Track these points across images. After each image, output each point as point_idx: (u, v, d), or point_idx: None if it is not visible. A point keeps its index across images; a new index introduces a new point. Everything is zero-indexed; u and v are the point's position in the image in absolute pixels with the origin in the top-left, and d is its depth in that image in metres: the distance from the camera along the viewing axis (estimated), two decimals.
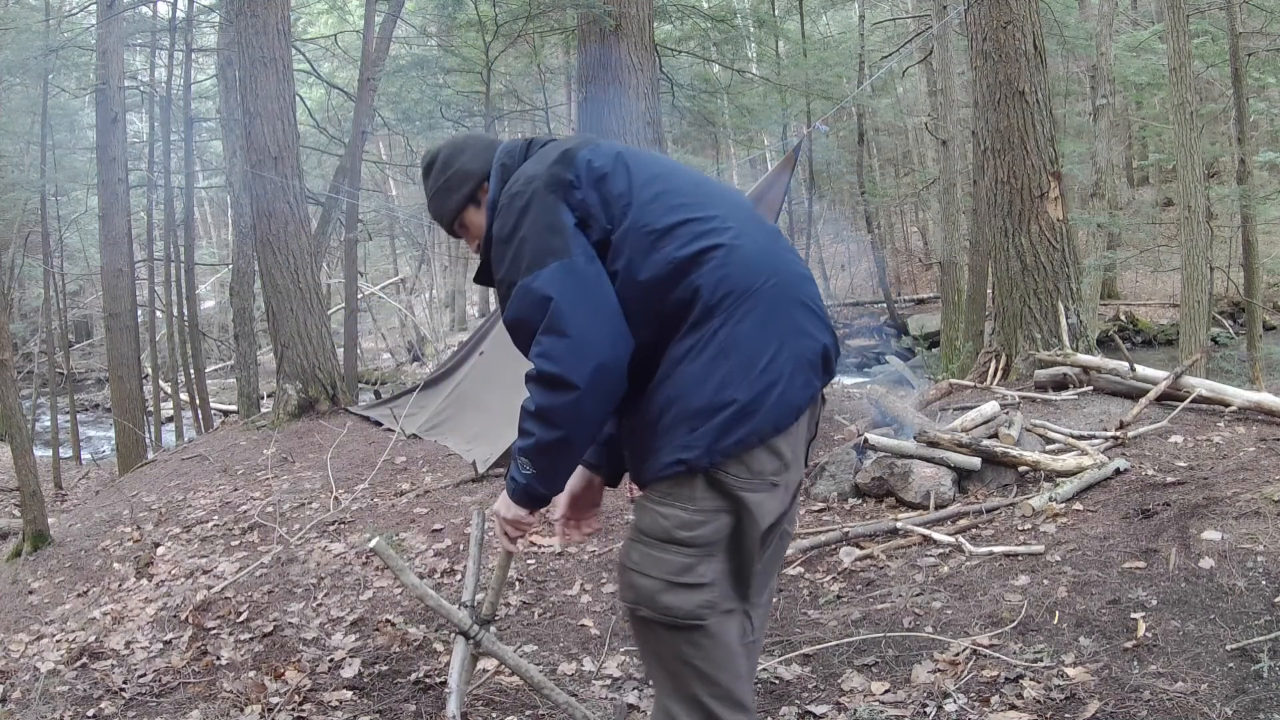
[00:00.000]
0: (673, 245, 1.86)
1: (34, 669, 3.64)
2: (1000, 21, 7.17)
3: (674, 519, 1.86)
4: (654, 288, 1.86)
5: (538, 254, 1.86)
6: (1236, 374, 9.92)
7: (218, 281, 21.31)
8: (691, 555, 1.86)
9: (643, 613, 1.90)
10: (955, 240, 13.32)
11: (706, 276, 1.84)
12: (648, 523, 1.89)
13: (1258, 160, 12.14)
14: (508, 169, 2.05)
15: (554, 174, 1.91)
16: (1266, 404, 5.00)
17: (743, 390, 1.82)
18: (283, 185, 8.11)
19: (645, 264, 1.86)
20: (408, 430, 7.10)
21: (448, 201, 2.13)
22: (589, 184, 1.91)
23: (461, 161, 2.11)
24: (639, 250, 1.87)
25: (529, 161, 2.01)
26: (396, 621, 3.70)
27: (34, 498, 5.68)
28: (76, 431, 13.84)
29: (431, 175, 2.16)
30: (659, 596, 1.86)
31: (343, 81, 15.25)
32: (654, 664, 1.96)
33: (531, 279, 1.84)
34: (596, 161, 1.93)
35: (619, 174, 1.93)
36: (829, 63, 17.82)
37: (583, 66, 9.32)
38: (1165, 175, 20.14)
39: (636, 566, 1.90)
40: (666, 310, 1.86)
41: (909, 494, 4.60)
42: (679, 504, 1.86)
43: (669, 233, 1.87)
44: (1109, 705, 2.46)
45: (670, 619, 1.87)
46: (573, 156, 1.93)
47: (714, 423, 1.82)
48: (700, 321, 1.84)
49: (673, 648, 1.90)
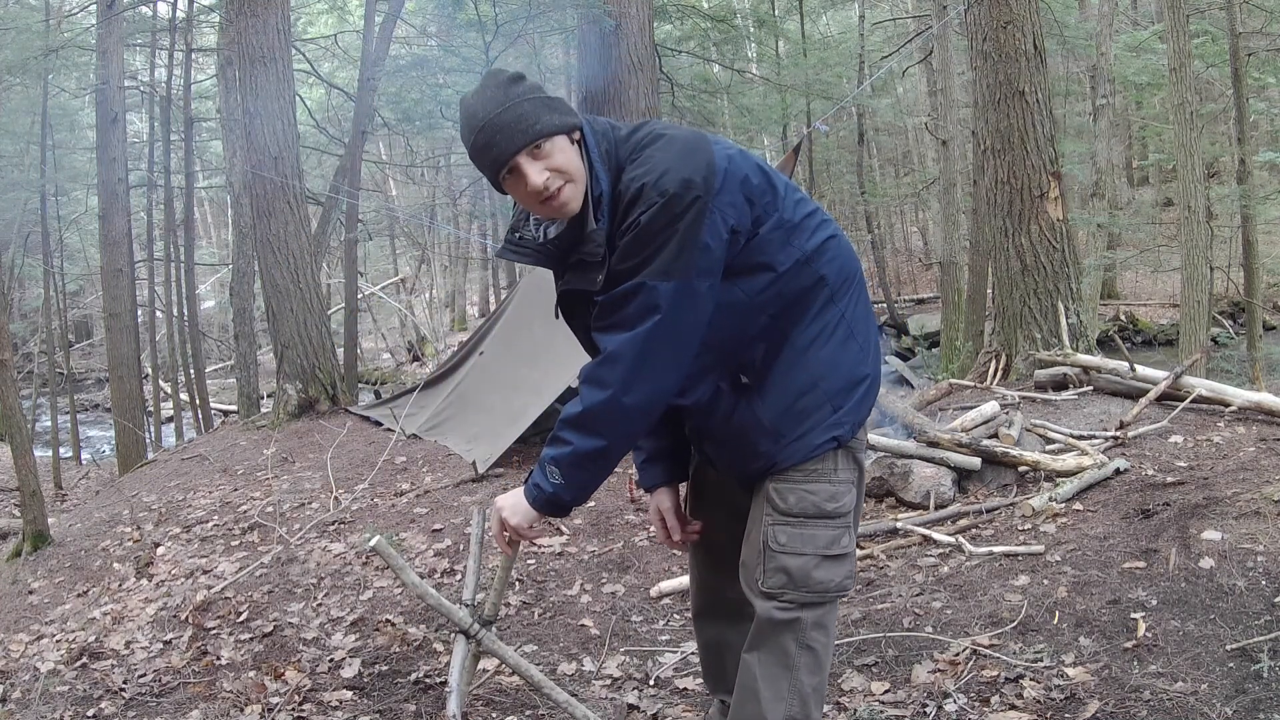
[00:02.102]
0: (803, 238, 1.95)
1: (34, 669, 3.64)
2: (1000, 21, 7.17)
3: (823, 493, 1.99)
4: (787, 278, 1.93)
5: (669, 264, 1.80)
6: (1236, 374, 9.92)
7: (218, 281, 21.30)
8: (838, 526, 2.01)
9: (789, 596, 1.98)
10: (955, 240, 13.31)
11: (828, 266, 1.97)
12: (794, 502, 1.99)
13: (1258, 160, 12.13)
14: (611, 156, 1.89)
15: (707, 181, 1.82)
16: (1266, 404, 5.00)
17: (870, 365, 2.03)
18: (283, 185, 8.10)
19: (782, 256, 1.93)
20: (408, 430, 7.09)
21: (551, 115, 1.83)
22: (735, 188, 1.87)
23: (568, 106, 1.89)
24: (777, 244, 1.92)
25: (654, 151, 1.85)
26: (396, 621, 3.70)
27: (34, 498, 5.68)
28: (76, 431, 13.84)
29: (525, 84, 1.85)
30: (814, 573, 1.98)
31: (343, 81, 15.24)
32: (771, 652, 2.02)
33: (657, 282, 1.80)
34: (734, 166, 1.89)
35: (754, 173, 1.92)
36: (829, 63, 17.79)
37: (583, 66, 9.33)
38: (1165, 175, 20.14)
39: (785, 548, 1.98)
40: (790, 297, 1.95)
41: (909, 494, 4.60)
42: (825, 479, 2.00)
43: (799, 226, 1.95)
44: (1109, 705, 2.46)
45: (820, 595, 1.99)
46: (713, 154, 1.86)
47: (854, 399, 2.00)
48: (826, 307, 1.97)
49: (800, 632, 2.00)
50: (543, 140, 1.81)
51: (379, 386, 14.82)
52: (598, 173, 1.87)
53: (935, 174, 15.33)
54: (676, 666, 3.11)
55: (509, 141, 1.80)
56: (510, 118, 1.79)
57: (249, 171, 8.43)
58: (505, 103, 1.80)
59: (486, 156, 1.83)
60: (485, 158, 1.83)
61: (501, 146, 1.80)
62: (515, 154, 1.80)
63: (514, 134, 1.80)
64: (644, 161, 1.84)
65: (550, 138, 1.81)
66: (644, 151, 1.86)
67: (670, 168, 1.80)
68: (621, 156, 1.88)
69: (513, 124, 1.79)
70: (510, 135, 1.80)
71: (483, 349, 7.43)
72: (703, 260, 1.82)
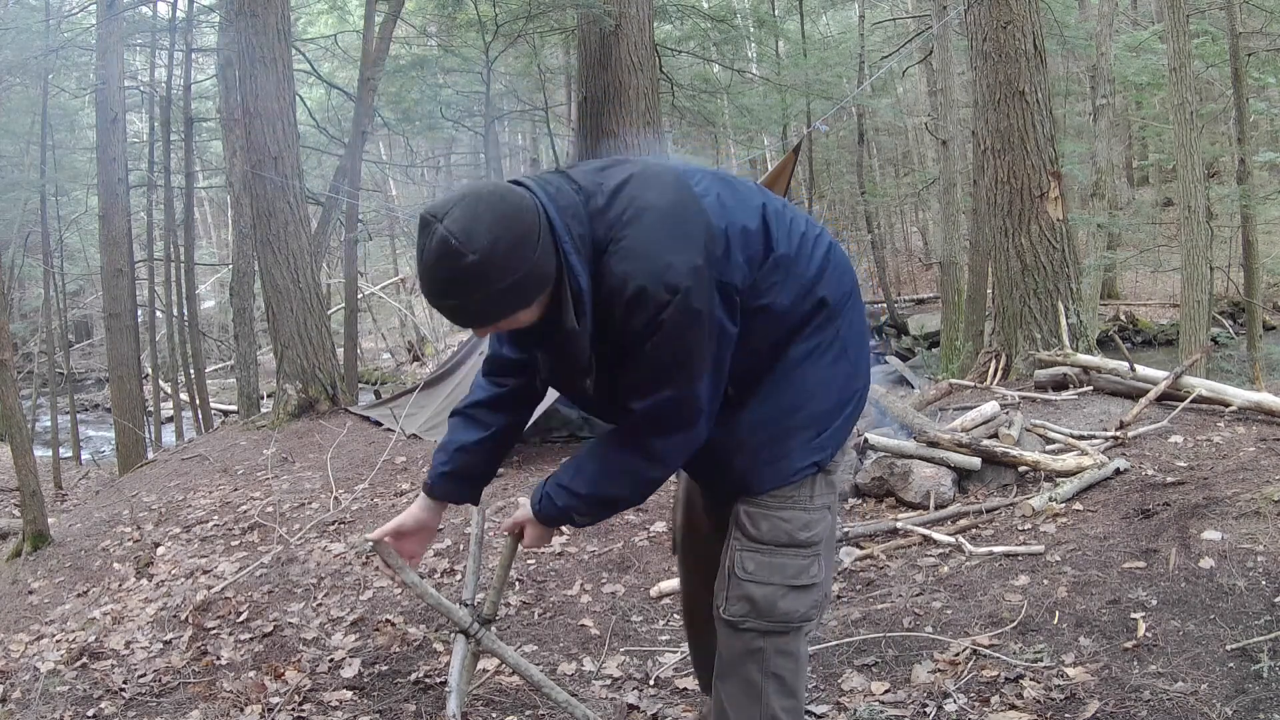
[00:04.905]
0: (801, 265, 1.84)
1: (34, 669, 3.64)
2: (1000, 21, 7.17)
3: (796, 520, 1.90)
4: (791, 307, 1.84)
5: (699, 364, 1.72)
6: (1236, 374, 9.91)
7: (218, 281, 21.31)
8: (808, 555, 1.91)
9: (750, 625, 1.91)
10: (955, 240, 13.32)
11: (827, 286, 1.87)
12: (765, 530, 1.89)
13: (1258, 160, 12.13)
14: (585, 241, 1.68)
15: (710, 255, 1.69)
16: (1266, 404, 5.00)
17: (860, 380, 1.94)
18: (283, 185, 8.10)
19: (783, 295, 1.82)
20: (408, 430, 7.09)
21: (509, 304, 1.64)
22: (736, 247, 1.75)
23: (535, 258, 1.62)
24: (778, 285, 1.81)
25: (641, 232, 1.66)
26: (396, 621, 3.70)
27: (34, 498, 5.68)
28: (76, 431, 13.85)
29: (487, 279, 1.58)
30: (779, 603, 1.89)
31: (343, 81, 15.24)
32: (736, 683, 1.95)
33: (693, 389, 1.74)
34: (730, 220, 1.75)
35: (749, 218, 1.79)
36: (829, 63, 17.80)
37: (583, 66, 9.33)
38: (1165, 175, 20.14)
39: (752, 576, 1.90)
40: (794, 321, 1.85)
41: (909, 494, 4.60)
42: (799, 506, 1.90)
43: (797, 255, 1.84)
44: (1109, 705, 2.46)
45: (784, 625, 1.91)
46: (710, 225, 1.71)
47: (839, 420, 1.90)
48: (825, 324, 1.87)
49: (764, 661, 1.92)
50: (499, 323, 1.70)
51: (379, 386, 14.84)
52: (575, 269, 1.66)
53: (935, 174, 15.33)
54: (676, 666, 3.11)
55: (475, 324, 1.71)
56: (459, 313, 1.66)
57: (249, 171, 8.43)
58: (453, 297, 1.63)
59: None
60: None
61: (467, 324, 1.71)
62: (481, 329, 1.73)
63: (462, 322, 1.70)
64: (632, 249, 1.65)
65: (512, 317, 1.68)
66: (627, 232, 1.66)
67: (670, 258, 1.64)
68: (599, 236, 1.68)
69: (461, 316, 1.67)
70: (458, 322, 1.70)
71: (483, 349, 7.40)
72: (725, 339, 1.74)
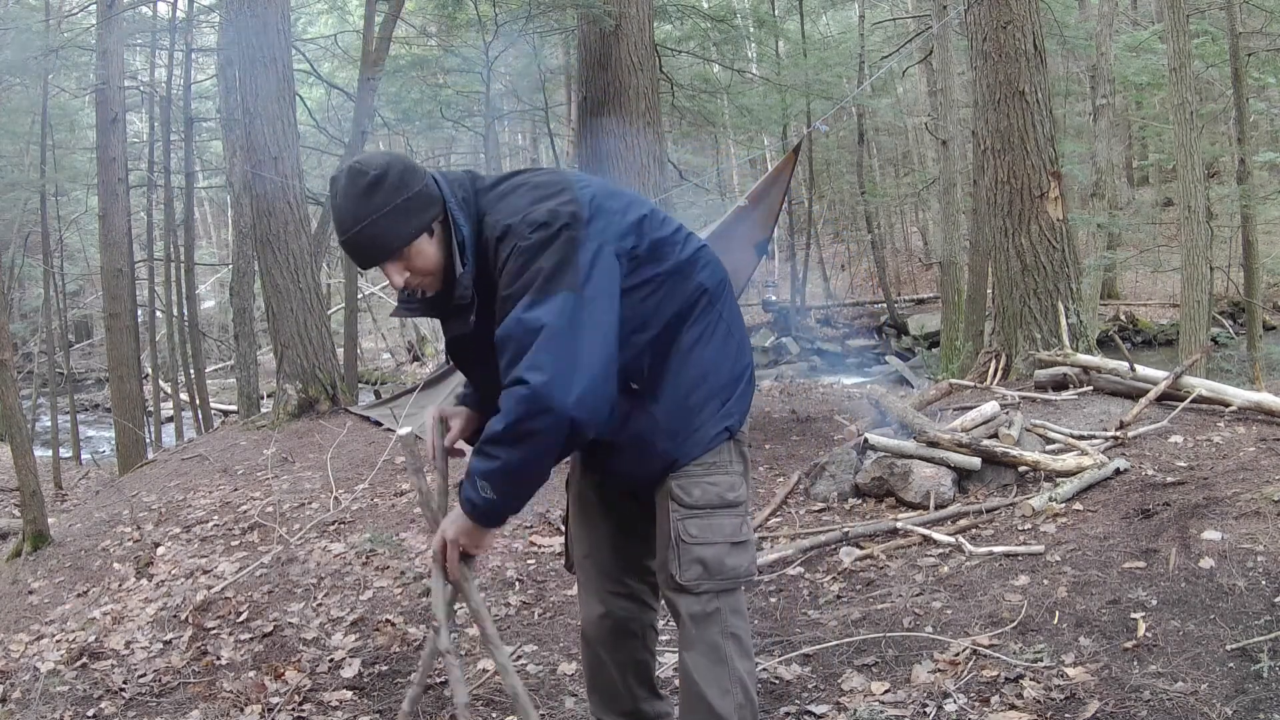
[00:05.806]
0: (675, 249, 2.09)
1: (34, 669, 3.64)
2: (1000, 21, 7.17)
3: (723, 483, 2.11)
4: (668, 291, 2.06)
5: (552, 282, 1.87)
6: (1236, 374, 9.91)
7: (218, 281, 21.32)
8: (739, 514, 2.13)
9: (705, 586, 2.08)
10: (955, 240, 13.32)
11: (704, 273, 2.12)
12: (698, 495, 2.09)
13: (1258, 160, 12.14)
14: (469, 204, 2.01)
15: (574, 215, 1.92)
16: (1266, 404, 4.99)
17: (747, 355, 2.20)
18: (283, 185, 8.10)
19: (667, 261, 2.06)
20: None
21: (408, 224, 1.92)
22: (608, 216, 1.98)
23: (422, 184, 1.95)
24: (653, 259, 2.05)
25: (514, 196, 1.98)
26: (396, 621, 3.70)
27: (34, 498, 5.68)
28: (76, 431, 13.84)
29: (382, 191, 1.89)
30: (726, 560, 2.09)
31: (343, 81, 15.24)
32: (702, 649, 2.10)
33: (546, 296, 1.86)
34: (599, 199, 1.99)
35: (618, 202, 2.04)
36: (829, 63, 17.80)
37: (583, 66, 9.32)
38: (1165, 175, 20.14)
39: (697, 539, 2.07)
40: (676, 309, 2.07)
41: (909, 494, 4.60)
42: (722, 470, 2.12)
43: (670, 239, 2.09)
44: (1109, 705, 2.46)
45: (733, 580, 2.10)
46: (574, 191, 1.97)
47: (738, 390, 2.15)
48: (708, 308, 2.11)
49: (722, 623, 2.10)
50: (403, 249, 1.93)
51: (379, 386, 14.83)
52: (457, 220, 1.98)
53: (935, 174, 15.34)
54: (675, 666, 3.11)
55: (369, 257, 1.95)
56: (367, 237, 1.91)
57: (249, 171, 8.42)
58: (361, 219, 1.90)
59: (355, 260, 2.00)
60: (354, 260, 2.01)
61: (365, 259, 1.96)
62: (377, 265, 1.96)
63: (373, 251, 1.94)
64: (505, 206, 1.98)
65: (412, 242, 1.94)
66: (506, 198, 1.99)
67: (533, 205, 1.93)
68: (483, 204, 2.01)
69: (370, 242, 1.92)
70: (370, 252, 1.94)
71: None
72: (585, 278, 1.88)
